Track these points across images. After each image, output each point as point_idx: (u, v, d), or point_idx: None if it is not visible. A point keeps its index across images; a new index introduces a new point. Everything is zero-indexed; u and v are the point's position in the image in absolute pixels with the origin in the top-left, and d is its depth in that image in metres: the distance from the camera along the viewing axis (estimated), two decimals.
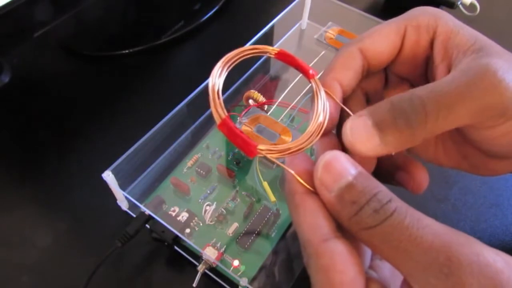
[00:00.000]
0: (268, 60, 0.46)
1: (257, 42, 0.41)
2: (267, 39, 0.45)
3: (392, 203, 0.16)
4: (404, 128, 0.18)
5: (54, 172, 0.37)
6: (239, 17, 0.52)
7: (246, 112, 0.39)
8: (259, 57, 0.45)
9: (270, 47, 0.22)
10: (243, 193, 0.35)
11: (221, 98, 0.19)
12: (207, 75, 0.38)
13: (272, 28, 0.43)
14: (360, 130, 0.19)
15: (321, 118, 0.21)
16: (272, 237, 0.33)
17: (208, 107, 0.19)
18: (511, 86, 0.18)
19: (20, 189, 0.36)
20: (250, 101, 0.40)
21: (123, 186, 0.32)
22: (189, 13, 0.51)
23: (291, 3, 0.44)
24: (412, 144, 0.19)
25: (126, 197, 0.32)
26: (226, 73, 0.20)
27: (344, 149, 0.20)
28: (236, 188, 0.35)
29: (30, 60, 0.46)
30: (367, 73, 0.24)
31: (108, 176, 0.31)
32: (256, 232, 0.33)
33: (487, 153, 0.22)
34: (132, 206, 0.35)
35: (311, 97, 0.22)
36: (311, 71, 0.22)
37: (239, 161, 0.37)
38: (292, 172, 0.19)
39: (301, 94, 0.40)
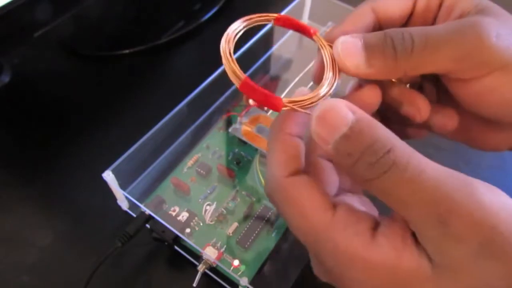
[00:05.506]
0: (268, 59, 0.46)
1: (257, 42, 0.41)
2: (267, 39, 0.45)
3: (391, 154, 0.16)
4: (389, 54, 0.20)
5: (54, 172, 0.37)
6: (239, 17, 0.52)
7: (246, 112, 0.39)
8: (260, 57, 0.45)
9: (271, 14, 0.23)
10: (243, 193, 0.35)
11: (235, 61, 0.20)
12: (207, 75, 0.38)
13: (272, 28, 0.43)
14: (350, 47, 0.20)
15: (331, 69, 0.21)
16: (272, 237, 0.33)
17: (209, 107, 0.19)
18: (494, 38, 0.19)
19: (20, 189, 0.36)
20: (250, 101, 0.40)
21: (123, 186, 0.32)
22: (189, 13, 0.51)
23: (291, 3, 0.44)
24: (394, 73, 0.20)
25: (126, 197, 0.32)
26: (236, 38, 0.21)
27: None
28: (236, 188, 0.35)
29: (30, 60, 0.46)
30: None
31: (108, 176, 0.31)
32: (256, 232, 0.33)
33: (481, 117, 0.22)
34: (132, 206, 0.35)
35: (317, 51, 0.23)
36: (312, 30, 0.23)
37: (239, 161, 0.37)
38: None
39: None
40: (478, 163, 0.37)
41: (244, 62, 0.22)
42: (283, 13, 0.43)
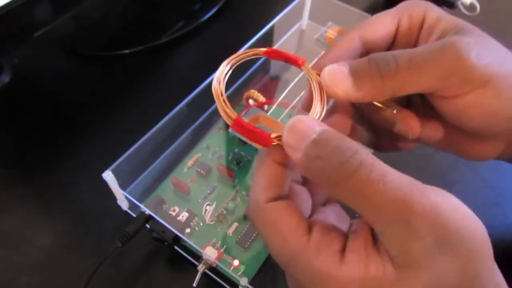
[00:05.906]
0: (268, 59, 0.46)
1: (257, 42, 0.41)
2: (267, 39, 0.45)
3: (357, 155, 0.17)
4: (376, 75, 0.21)
5: (54, 172, 0.37)
6: (239, 17, 0.52)
7: (246, 112, 0.39)
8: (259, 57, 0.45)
9: (259, 48, 0.23)
10: (243, 193, 0.35)
11: (227, 101, 0.21)
12: (207, 75, 0.38)
13: (272, 28, 0.43)
14: (337, 74, 0.21)
15: (319, 99, 0.22)
16: None
17: (209, 107, 0.20)
18: (474, 57, 0.20)
19: (20, 189, 0.36)
20: (250, 101, 0.40)
21: (123, 186, 0.32)
22: (189, 13, 0.51)
23: (291, 3, 0.44)
24: (382, 94, 0.21)
25: (126, 197, 0.32)
26: (226, 78, 0.22)
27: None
28: (236, 188, 0.36)
29: (30, 60, 0.46)
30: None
31: (108, 176, 0.31)
32: (256, 232, 0.33)
33: (465, 130, 0.23)
34: (132, 206, 0.35)
35: (307, 81, 0.23)
36: (300, 61, 0.23)
37: (239, 161, 0.37)
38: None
39: (301, 94, 0.40)
40: (478, 163, 0.37)
41: (244, 62, 0.23)
42: (283, 13, 0.43)
